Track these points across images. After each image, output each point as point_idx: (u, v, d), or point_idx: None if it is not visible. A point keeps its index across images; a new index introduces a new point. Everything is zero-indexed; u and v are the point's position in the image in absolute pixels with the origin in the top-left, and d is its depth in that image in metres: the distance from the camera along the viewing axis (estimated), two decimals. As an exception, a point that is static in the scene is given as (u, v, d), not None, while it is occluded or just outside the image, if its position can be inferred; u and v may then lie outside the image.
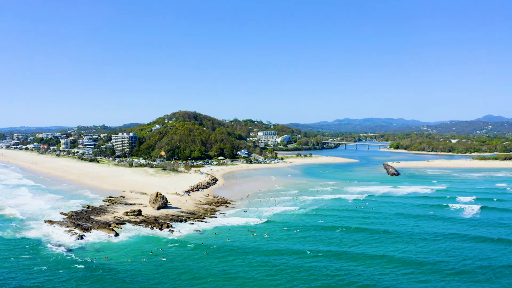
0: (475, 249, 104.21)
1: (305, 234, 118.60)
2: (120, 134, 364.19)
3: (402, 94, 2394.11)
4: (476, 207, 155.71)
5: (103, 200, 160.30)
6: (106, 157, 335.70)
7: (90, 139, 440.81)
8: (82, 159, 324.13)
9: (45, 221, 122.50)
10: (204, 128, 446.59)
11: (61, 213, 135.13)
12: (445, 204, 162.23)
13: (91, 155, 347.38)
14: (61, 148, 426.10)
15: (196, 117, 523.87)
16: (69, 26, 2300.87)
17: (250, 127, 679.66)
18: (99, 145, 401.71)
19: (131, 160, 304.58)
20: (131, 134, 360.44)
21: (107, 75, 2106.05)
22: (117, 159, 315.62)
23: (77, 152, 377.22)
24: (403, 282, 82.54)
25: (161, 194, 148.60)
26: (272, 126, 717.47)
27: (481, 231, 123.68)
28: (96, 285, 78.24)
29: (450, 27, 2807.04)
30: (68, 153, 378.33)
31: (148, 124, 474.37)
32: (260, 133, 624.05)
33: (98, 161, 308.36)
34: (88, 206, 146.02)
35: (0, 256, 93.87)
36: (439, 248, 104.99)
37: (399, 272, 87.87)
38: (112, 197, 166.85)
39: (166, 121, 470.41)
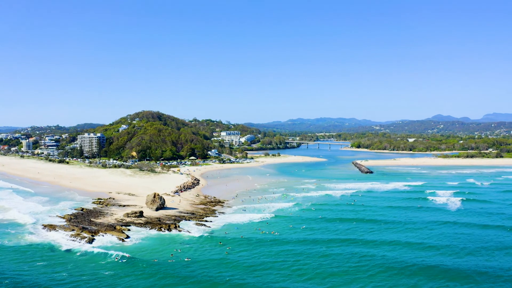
0: (472, 234, 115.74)
1: (312, 226, 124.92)
2: (86, 135, 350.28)
3: (354, 94, 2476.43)
4: (457, 200, 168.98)
5: (94, 202, 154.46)
6: (74, 158, 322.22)
7: (51, 139, 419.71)
8: (50, 160, 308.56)
9: (45, 226, 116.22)
10: (169, 128, 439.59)
11: (58, 216, 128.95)
12: (429, 198, 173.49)
13: (57, 156, 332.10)
14: (23, 149, 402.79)
15: (159, 117, 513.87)
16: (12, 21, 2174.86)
17: (212, 127, 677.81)
18: (63, 145, 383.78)
19: (104, 161, 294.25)
20: (98, 135, 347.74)
21: (58, 75, 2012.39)
22: (87, 160, 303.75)
23: (42, 153, 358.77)
24: (426, 261, 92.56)
25: (158, 195, 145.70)
26: (232, 126, 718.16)
27: (470, 219, 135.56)
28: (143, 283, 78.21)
29: (399, 26, 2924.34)
30: (33, 154, 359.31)
31: (111, 124, 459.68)
32: (223, 133, 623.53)
33: (67, 162, 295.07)
34: (82, 209, 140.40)
35: (16, 265, 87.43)
36: (441, 234, 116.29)
37: (418, 254, 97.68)
38: (101, 199, 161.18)
39: (129, 121, 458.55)
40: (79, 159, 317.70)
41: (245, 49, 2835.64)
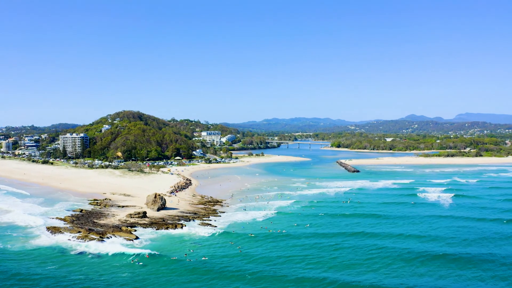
0: (471, 227, 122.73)
1: (317, 222, 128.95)
2: (69, 135, 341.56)
3: (328, 94, 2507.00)
4: (448, 196, 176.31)
5: (91, 203, 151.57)
6: (58, 159, 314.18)
7: (31, 140, 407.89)
8: (33, 161, 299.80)
9: (49, 228, 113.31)
10: (153, 128, 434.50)
11: (58, 218, 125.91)
12: (420, 195, 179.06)
13: (39, 157, 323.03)
14: (2, 150, 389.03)
15: (140, 117, 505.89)
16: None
17: (192, 127, 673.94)
18: (43, 146, 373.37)
19: (91, 161, 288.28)
20: (81, 135, 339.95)
21: (31, 75, 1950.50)
22: (72, 161, 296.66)
23: (23, 154, 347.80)
24: (435, 251, 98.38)
25: (159, 195, 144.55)
26: (211, 126, 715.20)
27: (465, 213, 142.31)
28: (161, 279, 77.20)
29: (370, 26, 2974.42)
30: (14, 155, 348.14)
31: (91, 124, 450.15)
32: (203, 133, 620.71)
33: (52, 163, 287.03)
34: (81, 210, 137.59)
35: (28, 270, 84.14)
36: (441, 227, 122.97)
37: (426, 245, 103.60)
38: (97, 200, 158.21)
39: (110, 120, 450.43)
40: (62, 160, 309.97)
41: (220, 49, 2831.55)
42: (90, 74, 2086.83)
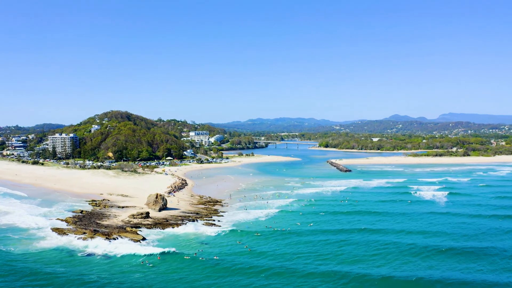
0: (469, 223, 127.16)
1: (319, 219, 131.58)
2: (58, 135, 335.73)
3: (312, 94, 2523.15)
4: (442, 194, 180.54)
5: (90, 204, 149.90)
6: (47, 159, 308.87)
7: (18, 140, 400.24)
8: (23, 161, 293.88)
9: (54, 229, 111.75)
10: (143, 128, 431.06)
11: (59, 219, 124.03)
12: (415, 193, 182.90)
13: (28, 157, 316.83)
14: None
15: (128, 117, 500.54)
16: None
17: (179, 127, 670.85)
18: (32, 146, 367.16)
19: (82, 162, 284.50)
20: (71, 135, 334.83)
21: (14, 75, 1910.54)
22: (63, 162, 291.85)
23: (11, 154, 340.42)
24: (441, 245, 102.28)
25: (161, 195, 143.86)
26: (198, 126, 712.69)
27: (461, 210, 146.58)
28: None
29: (353, 26, 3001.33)
30: (2, 155, 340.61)
31: (79, 125, 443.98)
32: (192, 133, 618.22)
33: (42, 164, 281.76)
34: (81, 211, 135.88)
35: (35, 276, 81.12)
36: (441, 223, 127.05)
37: (430, 240, 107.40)
38: (95, 200, 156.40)
39: (98, 121, 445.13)
40: (52, 160, 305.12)
41: (206, 50, 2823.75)
42: (75, 74, 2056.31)
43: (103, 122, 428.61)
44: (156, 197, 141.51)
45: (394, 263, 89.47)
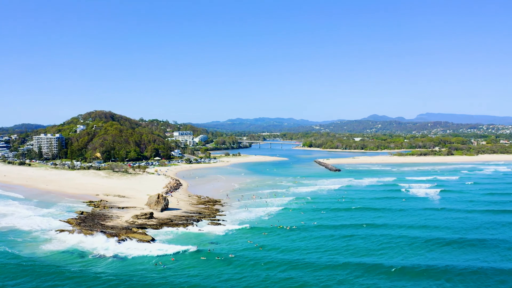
0: (465, 217, 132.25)
1: (322, 216, 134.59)
2: (43, 135, 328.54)
3: (290, 94, 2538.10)
4: (435, 191, 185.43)
5: (89, 205, 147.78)
6: (33, 160, 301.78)
7: (1, 140, 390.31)
8: (9, 162, 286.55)
9: (58, 231, 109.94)
10: (130, 129, 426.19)
11: (61, 221, 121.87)
12: (408, 191, 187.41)
13: (13, 158, 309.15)
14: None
15: (112, 117, 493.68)
16: None
17: (162, 127, 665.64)
18: (15, 147, 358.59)
19: (71, 163, 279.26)
20: (57, 135, 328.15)
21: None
22: (50, 162, 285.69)
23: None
24: (446, 238, 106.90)
25: (162, 195, 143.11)
26: (181, 126, 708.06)
27: (456, 206, 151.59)
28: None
29: (331, 26, 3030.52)
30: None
31: (62, 125, 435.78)
32: (175, 133, 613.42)
33: (29, 165, 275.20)
34: (82, 212, 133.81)
35: (48, 283, 78.15)
36: (439, 218, 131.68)
37: (433, 233, 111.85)
38: (93, 201, 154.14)
39: (82, 121, 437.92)
40: (38, 161, 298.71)
41: (183, 50, 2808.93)
42: (53, 74, 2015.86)
43: (88, 122, 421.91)
44: (158, 198, 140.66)
45: (403, 255, 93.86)
